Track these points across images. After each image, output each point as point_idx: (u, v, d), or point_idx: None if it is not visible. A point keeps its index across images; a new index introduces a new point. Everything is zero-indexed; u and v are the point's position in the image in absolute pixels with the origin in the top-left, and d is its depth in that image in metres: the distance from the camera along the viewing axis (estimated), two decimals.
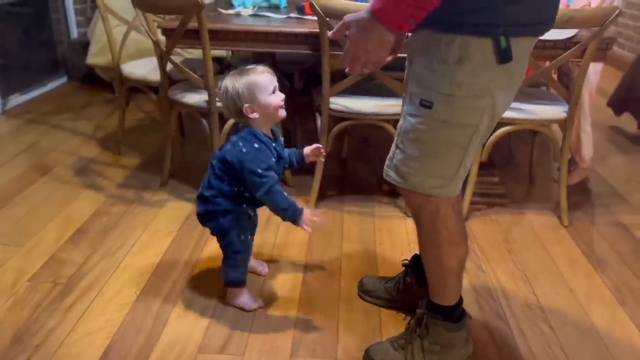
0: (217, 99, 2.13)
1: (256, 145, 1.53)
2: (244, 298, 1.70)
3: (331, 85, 2.12)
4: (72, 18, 4.20)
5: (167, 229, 2.13)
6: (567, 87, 2.27)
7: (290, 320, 1.66)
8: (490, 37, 1.12)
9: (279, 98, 1.56)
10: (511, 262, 2.00)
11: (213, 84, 2.11)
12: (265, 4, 2.60)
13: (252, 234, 1.80)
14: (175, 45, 2.12)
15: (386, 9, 1.07)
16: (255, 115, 1.53)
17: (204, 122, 2.21)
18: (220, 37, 2.11)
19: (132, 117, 3.35)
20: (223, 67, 3.31)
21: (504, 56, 1.13)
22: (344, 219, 2.25)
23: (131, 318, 1.64)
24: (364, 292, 1.78)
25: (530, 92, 2.40)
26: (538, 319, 1.70)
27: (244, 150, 1.52)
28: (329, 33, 1.28)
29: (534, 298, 1.80)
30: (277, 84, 1.57)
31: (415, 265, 1.65)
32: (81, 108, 3.53)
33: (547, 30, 1.20)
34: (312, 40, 2.10)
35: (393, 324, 1.66)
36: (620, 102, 3.31)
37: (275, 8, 2.57)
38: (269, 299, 1.75)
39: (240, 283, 1.69)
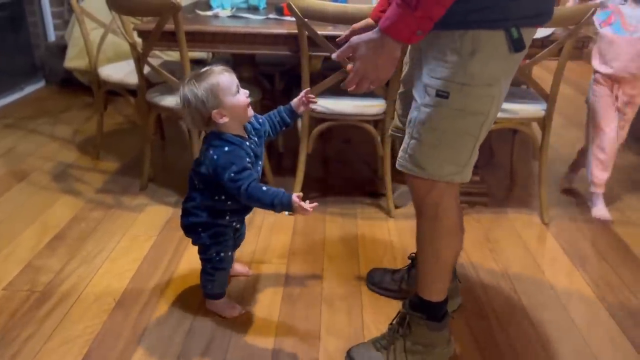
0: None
1: (226, 149, 1.46)
2: (222, 306, 1.68)
3: (311, 86, 2.11)
4: (49, 21, 4.14)
5: (146, 233, 2.10)
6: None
7: (271, 324, 1.65)
8: (501, 29, 1.18)
9: (244, 96, 1.49)
10: (493, 261, 2.01)
11: None
12: (244, 5, 2.59)
13: (237, 246, 1.79)
14: (152, 48, 2.10)
15: (395, 25, 1.14)
16: (225, 119, 1.45)
17: (183, 125, 2.18)
18: (197, 38, 2.09)
19: (112, 121, 3.31)
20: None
21: (518, 45, 1.20)
22: (326, 221, 2.24)
23: (110, 325, 1.62)
24: (372, 283, 1.82)
25: (510, 90, 2.42)
26: (519, 317, 1.71)
27: (215, 157, 1.46)
28: (333, 55, 1.32)
29: (516, 296, 1.81)
30: (237, 81, 1.49)
31: None
32: (60, 112, 3.48)
33: (548, 21, 1.26)
34: (290, 41, 2.09)
35: (376, 325, 1.65)
36: None
37: (254, 9, 2.56)
38: (251, 303, 1.74)
39: (217, 296, 1.67)
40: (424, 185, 1.35)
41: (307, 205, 1.37)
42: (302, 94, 1.64)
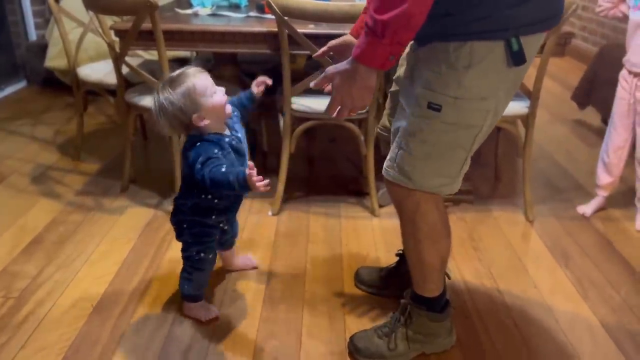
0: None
1: (198, 144, 1.43)
2: (198, 310, 1.65)
3: (293, 84, 2.08)
4: (30, 20, 4.08)
5: (126, 236, 2.07)
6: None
7: (252, 328, 1.62)
8: (500, 40, 1.15)
9: (220, 94, 1.45)
10: (476, 259, 1.99)
11: None
12: (225, 4, 2.55)
13: (230, 247, 1.80)
14: (130, 47, 2.06)
15: (366, 53, 1.14)
16: (205, 122, 1.42)
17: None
18: (176, 37, 2.05)
19: (93, 121, 3.26)
20: None
21: (517, 59, 1.16)
22: (310, 220, 2.22)
23: (86, 331, 1.58)
24: (360, 282, 1.81)
25: None
26: (502, 316, 1.70)
27: (189, 153, 1.44)
28: (311, 84, 1.35)
29: (499, 295, 1.80)
30: (212, 81, 1.45)
31: None
32: (41, 113, 3.42)
33: (556, 23, 1.22)
34: (271, 39, 2.06)
35: (358, 327, 1.63)
36: (584, 95, 3.35)
37: (235, 7, 2.52)
38: (231, 305, 1.71)
39: (193, 298, 1.65)
40: (401, 191, 1.34)
41: (260, 182, 1.30)
42: (258, 79, 1.62)
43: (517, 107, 2.17)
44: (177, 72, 1.43)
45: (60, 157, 2.77)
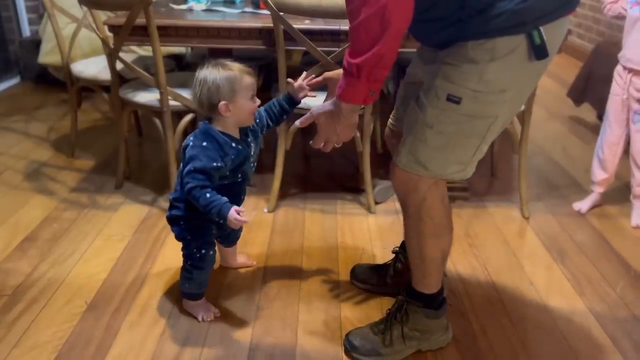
0: (169, 96, 2.06)
1: (204, 144, 1.44)
2: (198, 308, 1.64)
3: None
4: (24, 15, 4.04)
5: (120, 233, 2.05)
6: None
7: (248, 324, 1.61)
8: (522, 34, 1.14)
9: (256, 104, 1.48)
10: (472, 256, 1.99)
11: (165, 82, 2.03)
12: None
13: (232, 242, 1.78)
14: (124, 43, 2.04)
15: (347, 92, 1.24)
16: (227, 114, 1.44)
17: (157, 121, 2.13)
18: (170, 33, 2.03)
19: (89, 117, 3.24)
20: (183, 64, 3.23)
21: (539, 53, 1.16)
22: (306, 218, 2.21)
23: (80, 329, 1.57)
24: (356, 279, 1.80)
25: None
26: (499, 314, 1.69)
27: (191, 145, 1.45)
28: (297, 122, 1.44)
29: (495, 293, 1.80)
30: (256, 89, 1.49)
31: (405, 251, 1.64)
32: (34, 109, 3.40)
33: (575, 5, 1.20)
34: (266, 35, 2.04)
35: (354, 324, 1.62)
36: (580, 92, 3.34)
37: (230, 3, 2.50)
38: (227, 302, 1.70)
39: (193, 296, 1.63)
40: (411, 183, 1.34)
41: (242, 218, 1.38)
42: (302, 76, 1.61)
43: None
44: (232, 61, 1.46)
45: (54, 154, 2.75)
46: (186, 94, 2.11)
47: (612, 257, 2.01)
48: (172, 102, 2.09)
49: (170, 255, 1.92)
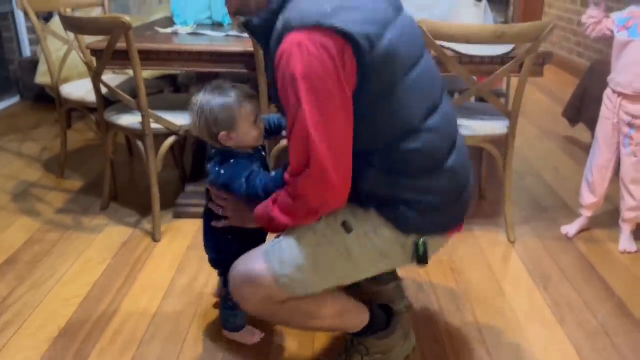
0: (150, 120, 2.07)
1: (232, 161, 1.38)
2: (243, 336, 1.62)
3: (269, 103, 2.08)
4: (25, 36, 4.12)
5: (101, 256, 2.05)
6: None
7: (219, 351, 1.60)
8: (410, 236, 1.25)
9: (260, 129, 1.39)
10: (454, 281, 1.96)
11: (146, 105, 2.04)
12: (208, 22, 2.56)
13: None
14: (106, 67, 2.06)
15: (261, 217, 1.28)
16: (230, 143, 1.37)
17: (140, 144, 2.14)
18: (152, 57, 2.05)
19: (82, 137, 3.27)
20: (179, 85, 3.26)
21: (421, 260, 1.27)
22: None
23: (49, 356, 1.56)
24: None
25: (470, 106, 2.39)
26: (475, 342, 1.66)
27: (222, 172, 1.38)
28: (213, 223, 1.49)
29: (473, 319, 1.77)
30: (259, 111, 1.40)
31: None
32: (30, 129, 3.44)
33: (460, 225, 1.35)
34: (247, 59, 2.05)
35: (327, 353, 1.60)
36: (575, 112, 3.32)
37: (218, 25, 2.53)
38: (198, 335, 1.69)
39: (239, 328, 1.62)
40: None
41: None
42: None
43: (495, 126, 2.16)
44: (232, 85, 1.38)
45: (44, 174, 2.77)
46: (170, 117, 2.12)
47: (597, 283, 1.97)
48: (154, 125, 2.10)
49: (149, 278, 1.92)
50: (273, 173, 1.35)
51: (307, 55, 1.06)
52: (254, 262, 1.27)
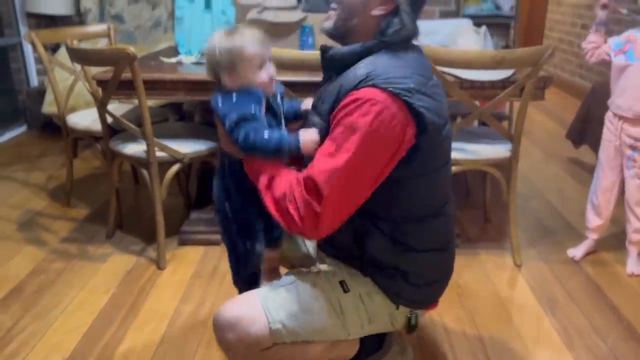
0: (155, 148, 2.09)
1: (233, 94, 1.25)
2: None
3: None
4: (32, 66, 4.18)
5: (105, 285, 2.05)
6: None
7: None
8: (404, 307, 1.32)
9: (267, 74, 1.27)
10: (460, 307, 1.95)
11: (151, 134, 2.07)
12: None
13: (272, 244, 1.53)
14: (111, 97, 2.09)
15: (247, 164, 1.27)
16: (234, 86, 1.26)
17: (145, 172, 2.16)
18: (157, 87, 2.08)
19: (88, 165, 3.30)
20: (183, 112, 3.30)
21: (411, 330, 1.34)
22: None
23: None
24: None
25: (472, 130, 2.40)
26: None
27: (221, 108, 1.25)
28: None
29: (480, 345, 1.75)
30: (269, 55, 1.28)
31: None
32: (37, 158, 3.47)
33: (436, 303, 1.42)
34: None
35: None
36: (578, 134, 3.32)
37: None
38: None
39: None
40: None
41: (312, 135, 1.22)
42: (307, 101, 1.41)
43: (498, 150, 2.16)
44: (240, 26, 1.32)
45: (50, 203, 2.79)
46: (175, 145, 2.14)
47: (605, 306, 1.95)
48: (159, 153, 2.12)
49: (153, 307, 1.91)
50: (265, 135, 1.22)
51: (378, 116, 1.10)
52: (249, 305, 1.25)
